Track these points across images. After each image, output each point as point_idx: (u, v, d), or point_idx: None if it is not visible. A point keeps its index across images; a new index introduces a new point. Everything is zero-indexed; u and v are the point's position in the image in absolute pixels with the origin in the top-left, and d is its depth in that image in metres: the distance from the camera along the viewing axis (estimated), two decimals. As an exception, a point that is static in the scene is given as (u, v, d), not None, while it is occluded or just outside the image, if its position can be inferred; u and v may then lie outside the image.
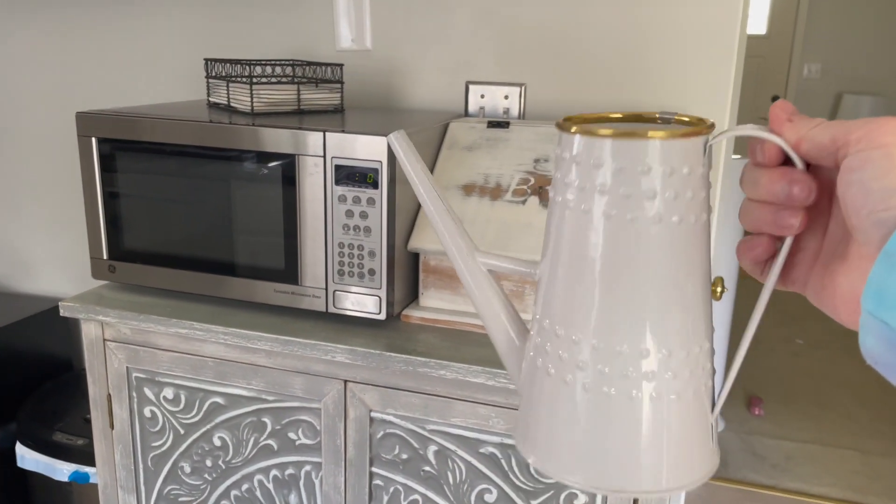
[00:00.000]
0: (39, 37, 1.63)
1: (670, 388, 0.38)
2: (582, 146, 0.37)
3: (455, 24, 1.36)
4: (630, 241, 0.36)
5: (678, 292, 0.37)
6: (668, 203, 0.36)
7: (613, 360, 0.37)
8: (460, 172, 1.17)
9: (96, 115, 1.15)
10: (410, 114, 1.34)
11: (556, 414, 0.39)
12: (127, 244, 1.18)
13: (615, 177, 0.36)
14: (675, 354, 0.37)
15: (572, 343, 0.38)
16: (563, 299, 0.39)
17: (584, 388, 0.38)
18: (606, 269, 0.37)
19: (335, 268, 1.08)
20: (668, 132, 0.36)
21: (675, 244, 0.37)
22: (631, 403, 0.37)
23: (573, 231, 0.38)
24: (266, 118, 1.14)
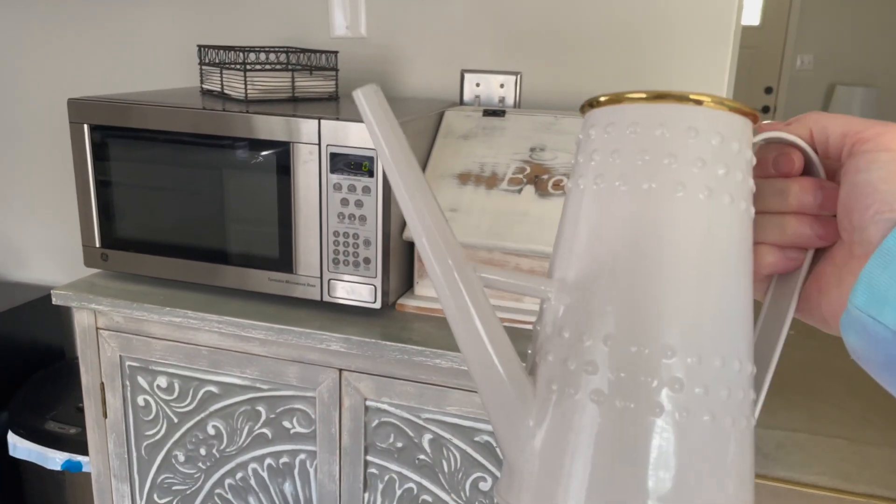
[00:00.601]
0: (31, 23, 1.61)
1: (703, 407, 0.30)
2: (615, 115, 0.33)
3: (450, 12, 1.35)
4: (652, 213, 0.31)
5: (707, 283, 0.31)
6: (720, 179, 0.32)
7: (630, 362, 0.30)
8: (456, 161, 1.16)
9: (88, 101, 1.13)
10: (405, 102, 1.34)
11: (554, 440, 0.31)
12: (119, 232, 1.17)
13: (657, 141, 0.31)
14: (707, 363, 0.30)
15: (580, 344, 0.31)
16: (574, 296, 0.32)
17: (594, 401, 0.30)
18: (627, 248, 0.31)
19: (330, 256, 1.07)
20: (713, 100, 0.32)
21: (720, 226, 0.31)
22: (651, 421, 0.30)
23: (593, 209, 0.32)
24: (260, 105, 1.13)
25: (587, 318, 0.31)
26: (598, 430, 0.30)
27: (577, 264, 0.32)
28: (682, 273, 0.31)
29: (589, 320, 0.31)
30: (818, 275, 0.36)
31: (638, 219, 0.31)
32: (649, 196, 0.31)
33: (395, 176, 0.32)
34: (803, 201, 0.35)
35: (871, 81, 4.47)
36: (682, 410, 0.30)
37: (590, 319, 0.31)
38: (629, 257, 0.31)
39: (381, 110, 0.32)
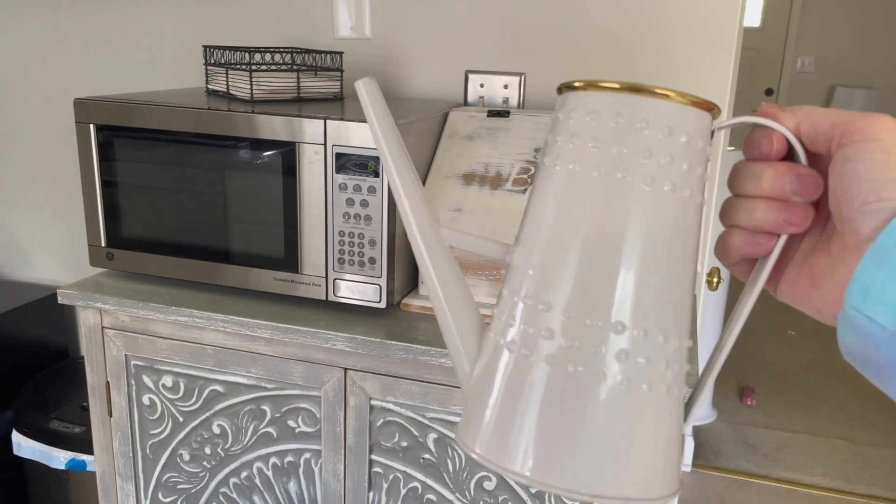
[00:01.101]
0: (37, 23, 1.61)
1: (642, 376, 0.34)
2: (580, 101, 0.35)
3: (455, 13, 1.36)
4: (617, 200, 0.34)
5: (662, 268, 0.34)
6: (663, 168, 0.34)
7: (584, 333, 0.34)
8: (460, 161, 1.17)
9: (94, 101, 1.14)
10: (410, 102, 1.34)
11: (510, 395, 0.35)
12: (125, 232, 1.18)
13: (611, 130, 0.34)
14: (652, 337, 0.34)
15: (539, 313, 0.34)
16: (537, 268, 0.35)
17: (548, 364, 0.34)
18: (589, 230, 0.34)
19: (335, 256, 1.07)
20: (675, 94, 0.34)
21: (664, 213, 0.34)
22: (598, 385, 0.33)
23: (558, 190, 0.35)
24: (265, 106, 1.13)
25: (547, 288, 0.35)
26: (549, 389, 0.34)
27: (540, 239, 0.36)
28: (630, 255, 0.34)
29: (549, 291, 0.35)
30: (812, 265, 0.36)
31: (589, 202, 0.34)
32: (598, 181, 0.34)
33: (381, 145, 0.38)
34: (774, 186, 0.35)
35: (871, 83, 4.48)
36: (625, 378, 0.34)
37: (549, 290, 0.35)
38: (583, 237, 0.34)
39: (378, 99, 0.38)
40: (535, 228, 0.36)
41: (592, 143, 0.34)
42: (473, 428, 0.36)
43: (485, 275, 1.08)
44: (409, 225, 0.38)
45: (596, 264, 0.34)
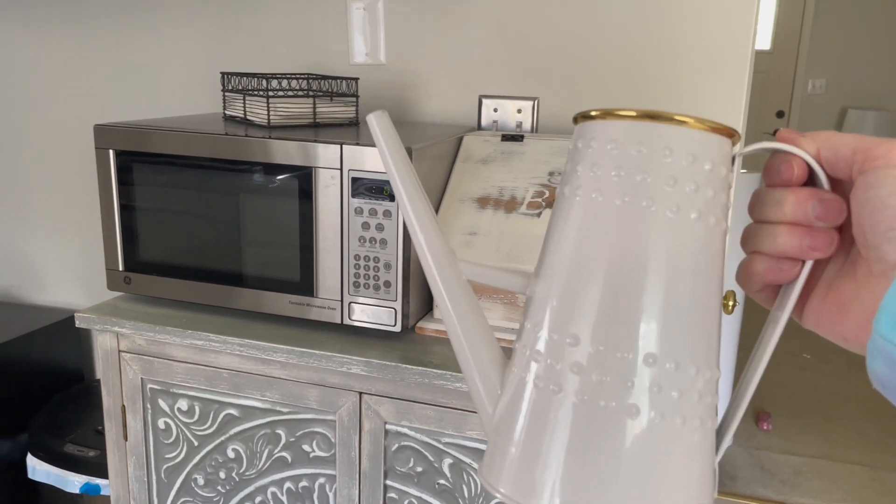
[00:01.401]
0: (59, 49, 1.64)
1: (676, 409, 0.33)
2: (600, 130, 0.35)
3: (468, 39, 1.37)
4: (643, 229, 0.33)
5: (691, 297, 0.34)
6: (689, 196, 0.33)
7: (614, 367, 0.33)
8: (475, 185, 1.18)
9: (114, 127, 1.16)
10: (424, 127, 1.35)
11: (536, 432, 0.34)
12: (143, 255, 1.19)
13: (633, 159, 0.33)
14: (684, 369, 0.33)
15: (566, 347, 0.33)
16: (562, 300, 0.34)
17: (578, 399, 0.33)
18: (615, 260, 0.33)
19: (351, 280, 1.08)
20: (695, 120, 0.34)
21: (691, 241, 0.33)
22: (630, 421, 0.32)
23: (580, 220, 0.34)
24: (282, 131, 1.15)
25: (573, 321, 0.34)
26: (578, 425, 0.33)
27: (563, 270, 0.35)
28: (658, 285, 0.33)
29: (575, 324, 0.34)
30: (837, 291, 0.36)
31: (614, 231, 0.34)
32: (622, 210, 0.33)
33: (395, 179, 0.38)
34: (797, 211, 0.35)
35: (883, 105, 4.47)
36: (658, 413, 0.33)
37: (576, 323, 0.34)
38: (609, 267, 0.33)
39: (390, 132, 0.38)
40: (557, 259, 0.35)
41: (615, 172, 0.34)
42: (498, 466, 0.35)
43: (499, 298, 1.08)
44: (426, 259, 0.38)
45: (624, 295, 0.33)
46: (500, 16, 1.34)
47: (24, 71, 1.68)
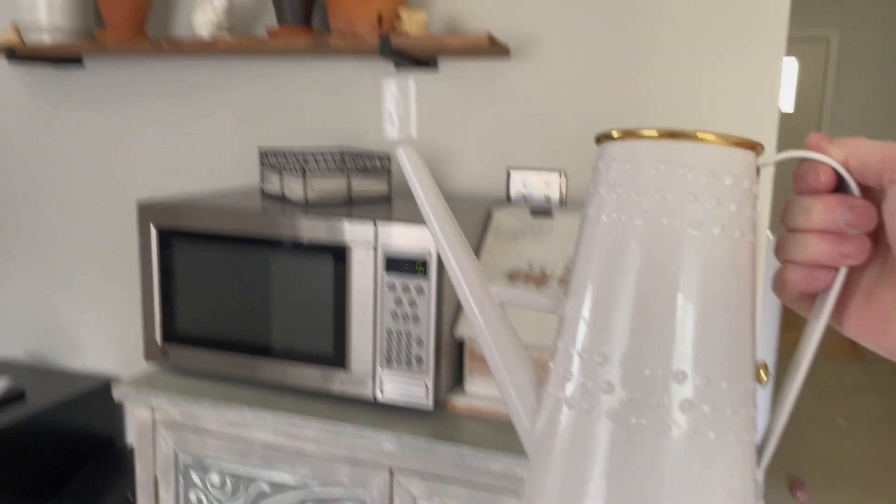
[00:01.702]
0: (102, 123, 1.71)
1: (709, 424, 0.33)
2: (621, 151, 0.35)
3: (496, 113, 1.41)
4: (667, 247, 0.33)
5: (719, 312, 0.34)
6: (710, 211, 0.34)
7: (644, 385, 0.33)
8: (505, 259, 1.19)
9: (157, 203, 1.20)
10: (454, 199, 1.38)
11: (573, 452, 0.34)
12: (180, 328, 1.21)
13: (653, 179, 0.34)
14: (715, 383, 0.33)
15: (596, 366, 0.34)
16: (590, 320, 0.35)
17: (610, 418, 0.33)
18: (639, 279, 0.34)
19: (383, 354, 1.09)
20: (715, 136, 0.34)
21: (715, 256, 0.33)
22: (663, 437, 0.33)
23: (604, 240, 0.35)
24: (318, 208, 1.18)
25: (601, 340, 0.34)
26: (613, 443, 0.33)
27: (590, 290, 0.35)
28: (684, 301, 0.33)
29: (604, 343, 0.34)
30: (877, 300, 0.35)
31: (637, 250, 0.34)
32: (644, 229, 0.34)
33: (425, 207, 0.39)
34: (826, 219, 0.34)
35: (909, 164, 4.45)
36: (691, 428, 0.33)
37: (604, 342, 0.34)
38: (634, 286, 0.34)
39: (420, 165, 0.39)
40: (584, 280, 0.36)
41: (635, 192, 0.34)
42: (539, 488, 0.36)
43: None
44: (459, 284, 0.39)
45: (650, 313, 0.33)
46: (527, 91, 1.38)
47: (70, 143, 1.75)
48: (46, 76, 1.72)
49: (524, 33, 1.37)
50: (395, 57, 1.29)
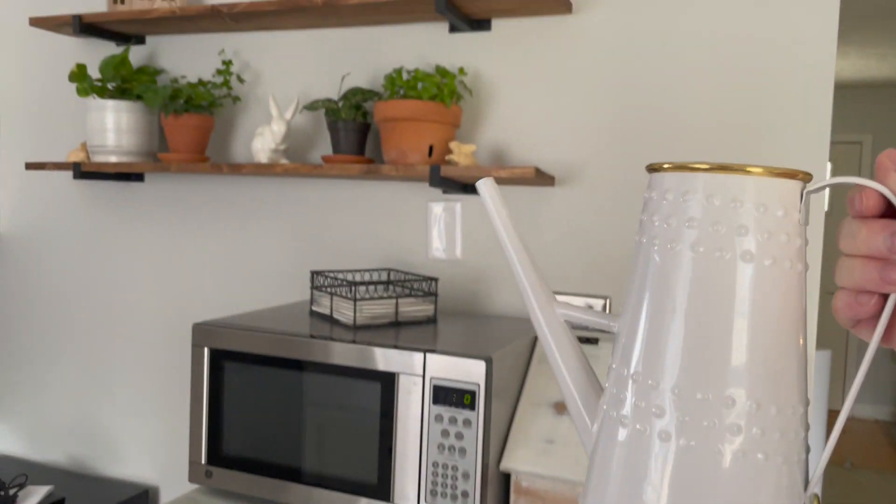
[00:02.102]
0: (157, 240, 1.78)
1: (758, 447, 0.34)
2: (673, 182, 0.37)
3: (542, 238, 1.44)
4: (719, 278, 0.35)
5: (768, 340, 0.35)
6: (761, 243, 0.35)
7: (695, 407, 0.35)
8: (552, 389, 1.19)
9: (210, 326, 1.23)
10: (499, 321, 1.39)
11: (626, 470, 0.36)
12: (225, 450, 1.22)
13: (706, 210, 0.35)
14: (765, 409, 0.35)
15: (649, 389, 0.36)
16: (645, 342, 0.37)
17: (661, 439, 0.35)
18: (691, 307, 0.35)
19: (428, 487, 1.08)
20: (763, 169, 0.35)
21: (765, 287, 0.35)
22: (713, 459, 0.34)
23: (659, 268, 0.37)
24: (366, 332, 1.20)
25: (654, 365, 0.36)
26: (663, 463, 0.35)
27: (644, 316, 0.37)
28: (735, 330, 0.35)
29: (656, 367, 0.36)
30: None
31: (690, 281, 0.35)
32: (697, 261, 0.35)
33: (503, 236, 0.43)
34: (870, 243, 0.34)
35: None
36: (740, 451, 0.34)
37: (657, 367, 0.36)
38: (686, 314, 0.35)
39: (498, 197, 0.43)
40: (638, 306, 0.38)
41: (688, 224, 0.36)
42: (593, 498, 0.38)
43: None
44: (531, 304, 0.42)
45: (701, 340, 0.35)
46: (571, 217, 1.41)
47: (125, 253, 1.82)
48: (108, 190, 1.81)
49: (568, 162, 1.41)
50: (444, 184, 1.34)
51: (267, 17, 1.51)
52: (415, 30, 1.51)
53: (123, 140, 1.58)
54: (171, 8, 1.52)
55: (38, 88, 1.88)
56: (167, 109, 1.53)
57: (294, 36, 1.61)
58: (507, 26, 1.44)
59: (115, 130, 1.57)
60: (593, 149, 1.40)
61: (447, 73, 1.37)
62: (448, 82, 1.35)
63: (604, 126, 1.39)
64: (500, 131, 1.46)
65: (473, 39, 1.47)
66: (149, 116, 1.62)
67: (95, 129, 1.58)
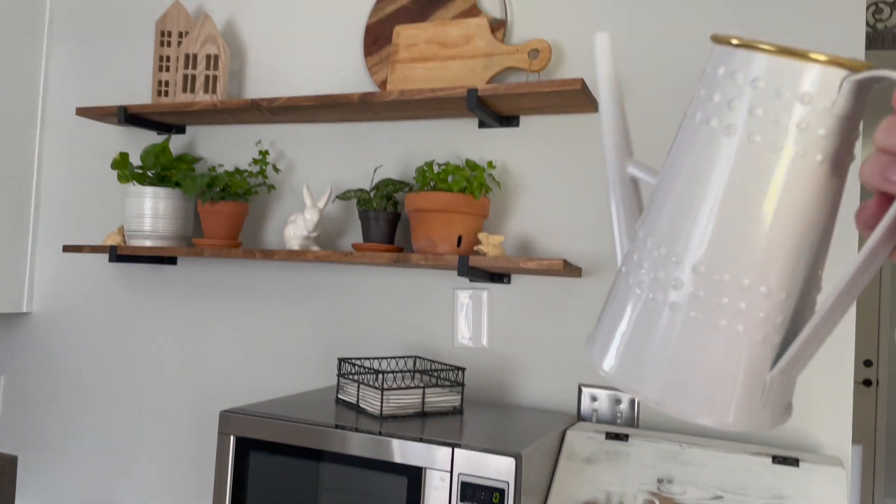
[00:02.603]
0: (188, 316, 1.80)
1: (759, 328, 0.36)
2: (727, 58, 0.36)
3: (566, 328, 1.44)
4: (751, 163, 0.35)
5: (790, 231, 0.35)
6: (797, 134, 0.34)
7: (711, 286, 0.36)
8: (581, 488, 1.17)
9: (238, 413, 1.23)
10: (525, 413, 1.38)
11: (635, 334, 0.39)
12: (247, 543, 1.19)
13: (751, 94, 0.35)
14: (774, 294, 0.36)
15: (671, 263, 0.37)
16: (673, 218, 0.38)
17: (672, 308, 0.37)
18: (726, 190, 0.36)
19: (454, 588, 1.05)
20: (827, 57, 0.34)
21: (798, 180, 0.35)
22: (714, 334, 0.36)
23: (696, 146, 0.37)
24: (393, 423, 1.19)
25: (680, 241, 0.37)
26: (669, 330, 0.37)
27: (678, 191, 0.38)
28: (759, 216, 0.35)
29: (683, 244, 0.37)
30: None
31: (726, 162, 0.36)
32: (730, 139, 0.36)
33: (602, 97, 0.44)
34: (885, 140, 0.32)
35: (981, 360, 4.28)
36: (740, 326, 0.36)
37: (683, 243, 0.37)
38: (718, 196, 0.36)
39: (608, 55, 0.43)
40: (673, 177, 0.38)
41: (728, 104, 0.36)
42: (604, 349, 0.40)
43: None
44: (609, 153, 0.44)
45: (730, 223, 0.36)
46: (598, 309, 1.42)
47: (155, 333, 1.84)
48: (141, 272, 1.85)
49: (595, 254, 1.43)
50: (471, 273, 1.35)
51: (304, 112, 1.58)
52: (445, 125, 1.56)
53: (160, 225, 1.62)
54: (212, 101, 1.59)
55: (79, 174, 1.95)
56: (204, 197, 1.58)
57: (329, 128, 1.67)
58: (534, 122, 1.49)
59: (153, 216, 1.62)
60: (620, 241, 1.42)
61: (476, 166, 1.41)
62: (477, 175, 1.39)
63: (630, 219, 1.41)
64: (528, 222, 1.49)
65: (502, 134, 1.52)
66: (185, 202, 1.67)
67: (133, 213, 1.63)
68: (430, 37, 1.51)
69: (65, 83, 1.99)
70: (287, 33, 1.74)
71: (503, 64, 1.45)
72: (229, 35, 1.80)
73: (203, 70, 1.68)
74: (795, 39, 1.33)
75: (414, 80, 1.51)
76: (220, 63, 1.68)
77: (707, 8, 1.39)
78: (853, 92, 0.34)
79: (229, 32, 1.80)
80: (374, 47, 1.63)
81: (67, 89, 1.98)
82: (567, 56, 1.48)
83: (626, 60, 1.44)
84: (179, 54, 1.69)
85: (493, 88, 1.35)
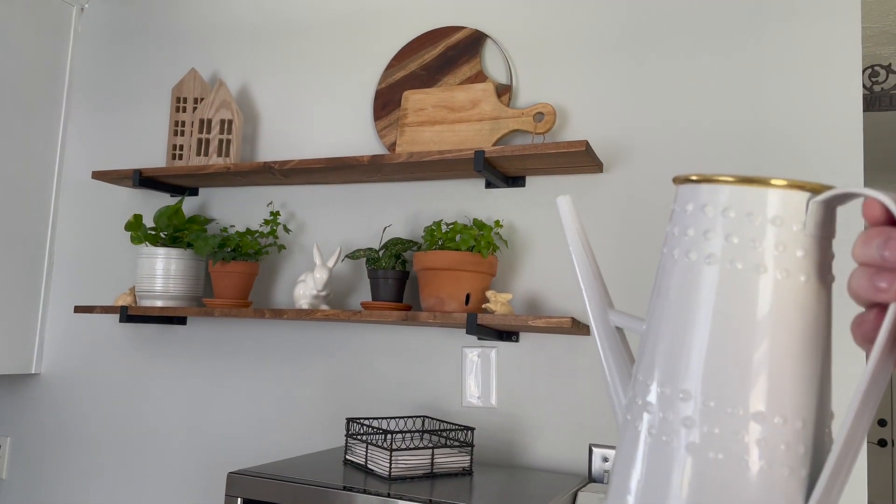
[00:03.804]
0: (197, 375, 1.80)
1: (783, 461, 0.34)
2: (691, 194, 0.37)
3: (577, 389, 1.43)
4: (735, 289, 0.35)
5: (790, 353, 0.35)
6: (776, 256, 0.35)
7: (724, 421, 0.35)
8: (593, 551, 1.14)
9: (245, 475, 1.22)
10: (536, 474, 1.36)
11: (653, 481, 0.36)
12: None
13: (721, 223, 0.36)
14: (791, 423, 0.35)
15: (678, 401, 0.36)
16: (669, 356, 0.37)
17: (689, 451, 0.35)
18: (715, 320, 0.35)
19: None
20: (786, 182, 0.35)
21: (780, 300, 0.35)
22: (739, 471, 0.34)
23: (679, 280, 0.37)
24: (401, 484, 1.18)
25: (682, 377, 0.36)
26: (689, 474, 0.35)
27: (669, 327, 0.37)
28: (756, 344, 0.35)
29: (685, 379, 0.36)
30: None
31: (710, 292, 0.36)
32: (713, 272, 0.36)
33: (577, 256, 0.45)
34: (865, 251, 0.33)
35: None
36: (764, 462, 0.34)
37: (685, 378, 0.36)
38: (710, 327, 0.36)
39: (573, 214, 0.45)
40: (662, 317, 0.37)
41: (704, 235, 0.36)
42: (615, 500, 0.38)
43: None
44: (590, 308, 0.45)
45: (727, 353, 0.35)
46: (608, 368, 1.41)
47: (163, 392, 1.83)
48: (150, 332, 1.86)
49: (603, 312, 1.43)
50: (480, 331, 1.36)
51: (315, 173, 1.62)
52: (453, 185, 1.60)
53: (171, 285, 1.64)
54: (225, 164, 1.63)
55: (93, 236, 1.98)
56: (216, 257, 1.60)
57: (339, 189, 1.71)
58: (540, 182, 1.52)
59: (164, 276, 1.64)
60: (627, 299, 1.43)
61: (484, 225, 1.43)
62: (485, 234, 1.41)
63: (636, 275, 1.43)
64: (536, 280, 1.50)
65: (509, 194, 1.55)
66: (196, 262, 1.69)
67: (145, 274, 1.65)
68: (438, 101, 1.56)
69: (82, 147, 2.04)
70: (299, 98, 1.80)
71: (509, 127, 1.49)
72: (243, 100, 1.85)
73: (217, 134, 1.73)
74: (795, 108, 1.36)
75: (422, 142, 1.55)
76: (234, 127, 1.72)
77: (710, 81, 1.44)
78: (820, 211, 0.36)
79: (243, 98, 1.85)
80: (383, 112, 1.67)
81: (84, 153, 2.04)
82: (571, 118, 1.52)
83: (627, 123, 1.48)
84: (194, 119, 1.75)
85: (500, 150, 1.39)
